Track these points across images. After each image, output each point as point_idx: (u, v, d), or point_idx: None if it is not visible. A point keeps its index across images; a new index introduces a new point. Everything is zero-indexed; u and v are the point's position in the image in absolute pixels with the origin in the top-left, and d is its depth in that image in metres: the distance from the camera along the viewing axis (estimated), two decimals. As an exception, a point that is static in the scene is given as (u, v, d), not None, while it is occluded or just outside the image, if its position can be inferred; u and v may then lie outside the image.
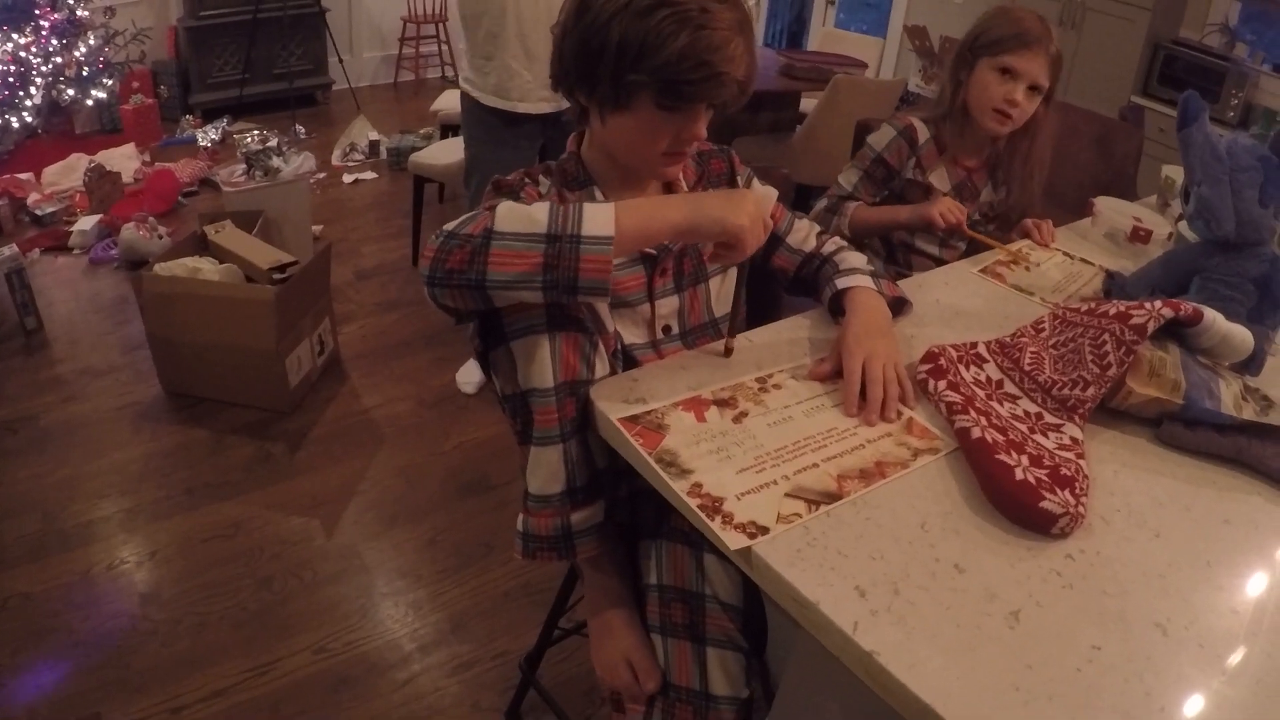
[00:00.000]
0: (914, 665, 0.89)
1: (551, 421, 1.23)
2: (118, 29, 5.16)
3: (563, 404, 1.23)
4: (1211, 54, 4.80)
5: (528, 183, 1.40)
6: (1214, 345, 1.36)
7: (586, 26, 1.28)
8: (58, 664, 2.08)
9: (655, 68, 1.24)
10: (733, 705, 1.28)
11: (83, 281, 3.83)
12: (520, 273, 1.13)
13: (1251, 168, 1.53)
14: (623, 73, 1.27)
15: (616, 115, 1.33)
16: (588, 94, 1.35)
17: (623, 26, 1.24)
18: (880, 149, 2.14)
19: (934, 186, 2.13)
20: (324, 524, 2.55)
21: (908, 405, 1.31)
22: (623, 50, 1.25)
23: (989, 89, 2.00)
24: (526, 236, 1.13)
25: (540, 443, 1.25)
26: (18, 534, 2.45)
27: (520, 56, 2.63)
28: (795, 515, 1.08)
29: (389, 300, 3.78)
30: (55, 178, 4.54)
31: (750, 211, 1.23)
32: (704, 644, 1.29)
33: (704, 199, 1.26)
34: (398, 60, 6.65)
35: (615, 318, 1.43)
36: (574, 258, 1.12)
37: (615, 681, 1.36)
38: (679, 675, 1.30)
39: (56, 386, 3.09)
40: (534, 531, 1.30)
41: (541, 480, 1.26)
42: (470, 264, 1.14)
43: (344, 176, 5.02)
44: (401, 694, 2.07)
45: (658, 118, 1.30)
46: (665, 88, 1.26)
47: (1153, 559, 1.09)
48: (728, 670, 1.28)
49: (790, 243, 1.61)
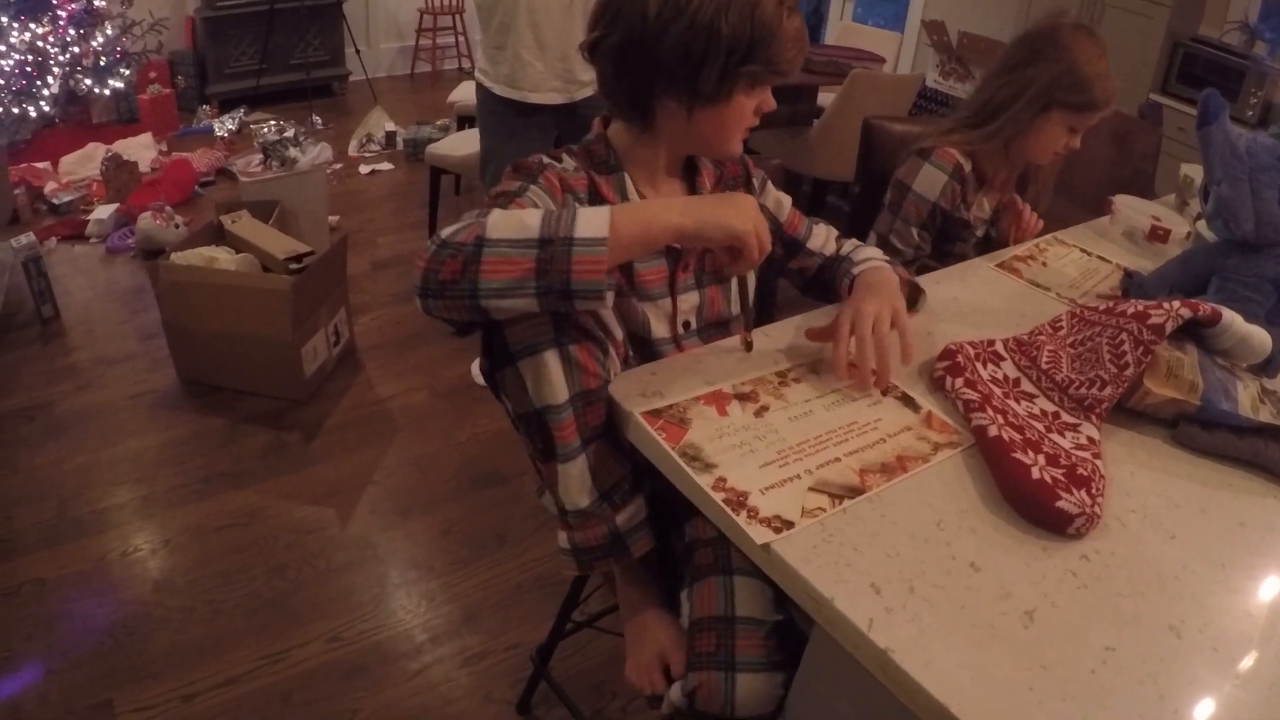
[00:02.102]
0: (928, 663, 0.89)
1: (571, 435, 1.22)
2: (135, 19, 5.16)
3: (580, 415, 1.22)
4: (1231, 52, 4.77)
5: (548, 164, 1.37)
6: (1232, 346, 1.36)
7: (684, 30, 1.28)
8: (70, 650, 2.09)
9: (768, 57, 1.31)
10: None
11: (99, 270, 3.84)
12: (513, 279, 1.10)
13: (1272, 167, 1.53)
14: (733, 66, 1.30)
15: (709, 108, 1.35)
16: (684, 94, 1.33)
17: (734, 21, 1.28)
18: (935, 198, 1.96)
19: (976, 219, 2.04)
20: (338, 513, 2.56)
21: (908, 360, 1.34)
22: (734, 44, 1.29)
23: (1055, 141, 1.91)
24: (519, 242, 1.09)
25: (565, 459, 1.23)
26: (33, 520, 2.47)
27: (532, 47, 2.63)
28: (819, 509, 1.08)
29: (405, 291, 3.79)
30: (72, 167, 4.56)
31: (753, 216, 1.22)
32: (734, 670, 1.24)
33: (704, 203, 1.23)
34: (414, 51, 6.66)
35: (644, 307, 1.44)
36: (566, 260, 1.09)
37: (649, 685, 1.35)
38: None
39: (73, 374, 3.11)
40: (583, 545, 1.29)
41: (575, 494, 1.25)
42: (463, 274, 1.10)
43: (360, 167, 5.03)
44: (413, 684, 2.08)
45: (748, 101, 1.36)
46: (770, 74, 1.33)
47: (1168, 561, 1.08)
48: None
49: (810, 247, 1.62)
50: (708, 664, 1.23)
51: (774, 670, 1.22)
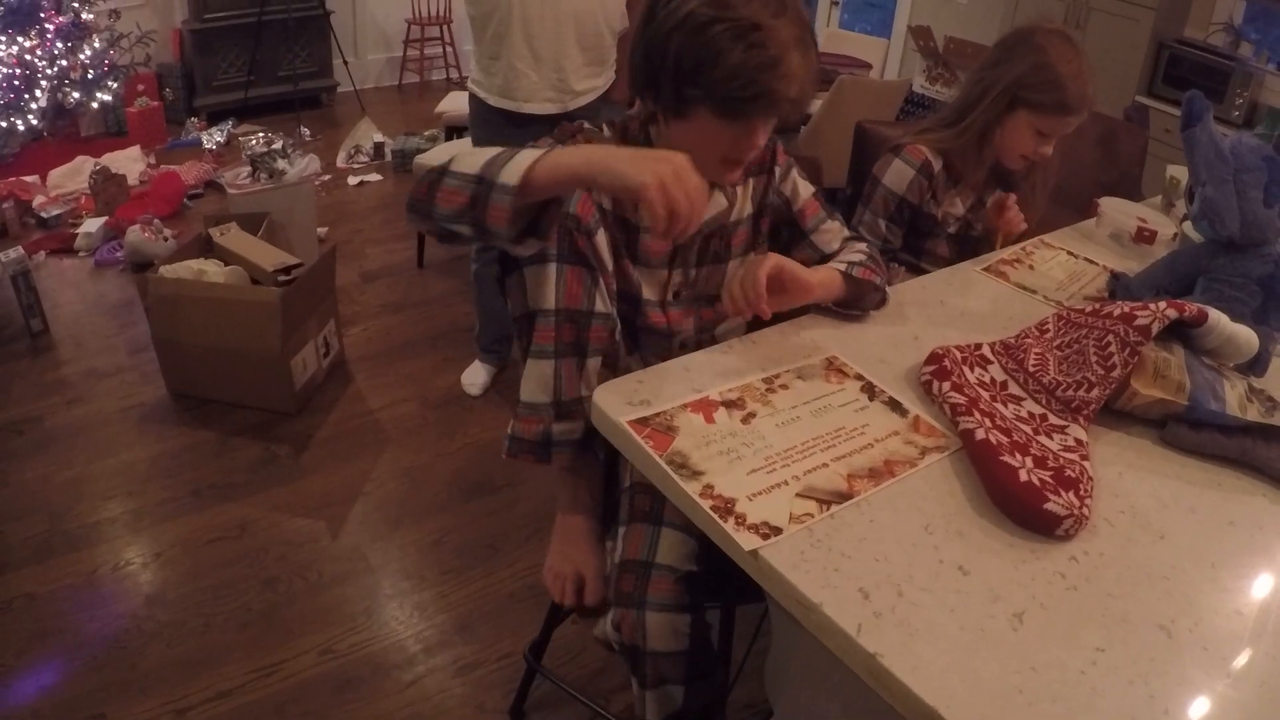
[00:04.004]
0: (917, 667, 0.89)
1: (548, 338, 1.35)
2: (122, 32, 5.15)
3: (560, 327, 1.35)
4: (1216, 53, 4.79)
5: (586, 130, 1.47)
6: (1219, 346, 1.36)
7: (649, 38, 1.34)
8: (62, 664, 2.08)
9: (710, 84, 1.29)
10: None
11: (88, 284, 3.83)
12: (455, 209, 1.21)
13: (1256, 168, 1.53)
14: (681, 86, 1.32)
15: (678, 122, 1.39)
16: (653, 100, 1.41)
17: (680, 41, 1.29)
18: (902, 192, 2.00)
19: (947, 215, 2.06)
20: (329, 525, 2.55)
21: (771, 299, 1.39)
22: (679, 64, 1.30)
23: (1023, 142, 1.92)
24: (467, 178, 1.20)
25: (536, 356, 1.37)
26: (24, 535, 2.46)
27: (526, 57, 2.63)
28: (807, 515, 1.08)
29: (394, 302, 3.79)
30: (61, 180, 4.55)
31: (660, 171, 1.14)
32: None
33: (618, 153, 1.20)
34: (402, 62, 6.65)
35: (639, 271, 1.51)
36: (485, 202, 1.18)
37: (557, 590, 1.53)
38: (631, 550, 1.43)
39: (62, 388, 3.10)
40: (519, 434, 1.42)
41: (531, 390, 1.39)
42: (427, 195, 1.24)
43: (349, 178, 5.02)
44: (406, 695, 2.07)
45: (715, 128, 1.35)
46: (719, 103, 1.31)
47: (1157, 561, 1.09)
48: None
49: (815, 240, 1.64)
50: (627, 602, 1.38)
51: (680, 612, 1.37)
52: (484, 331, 3.16)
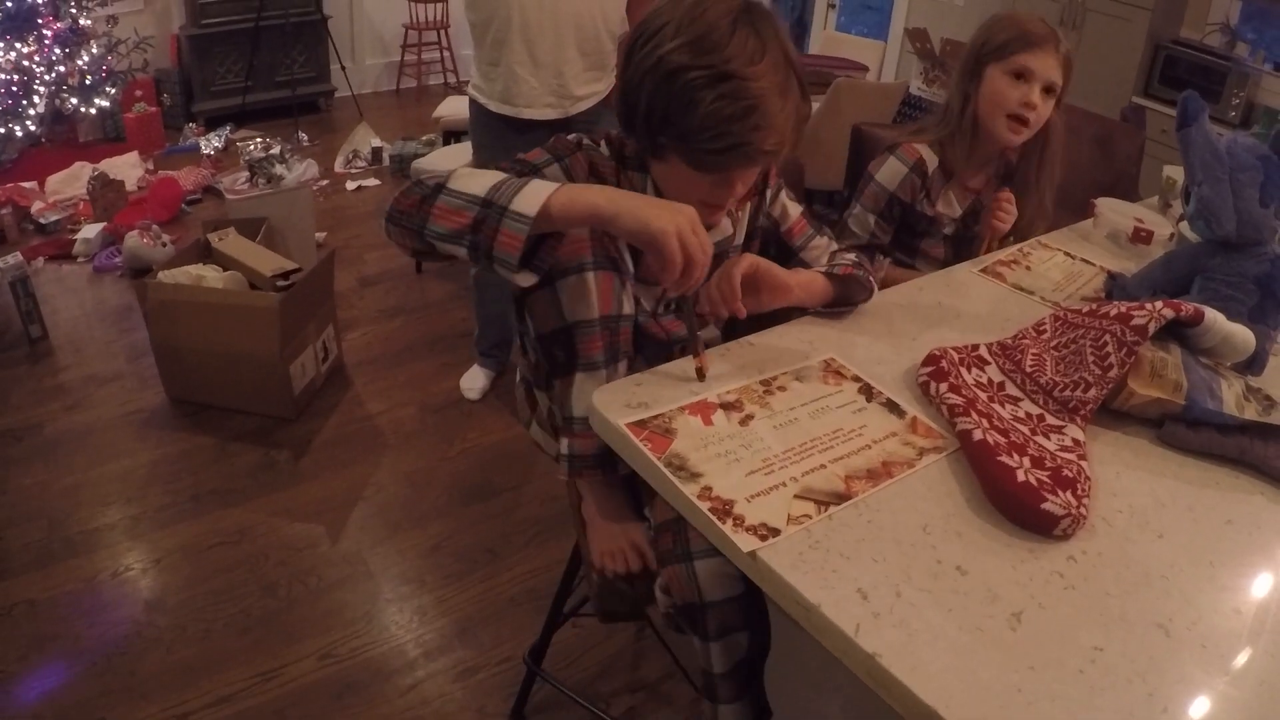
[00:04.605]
0: (916, 667, 0.90)
1: (597, 349, 1.33)
2: (120, 38, 5.16)
3: (603, 335, 1.34)
4: (1212, 54, 4.80)
5: (585, 147, 1.44)
6: (1216, 345, 1.36)
7: (626, 81, 1.33)
8: (63, 671, 2.09)
9: (680, 134, 1.27)
10: None
11: (87, 290, 3.83)
12: (453, 229, 1.20)
13: (1252, 167, 1.54)
14: (654, 134, 1.31)
15: (656, 163, 1.38)
16: (634, 140, 1.40)
17: (652, 87, 1.27)
18: (893, 188, 2.02)
19: (941, 215, 2.06)
20: (329, 530, 2.55)
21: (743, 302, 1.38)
22: (650, 112, 1.28)
23: (1003, 94, 1.91)
24: (469, 197, 1.19)
25: (586, 369, 1.34)
26: (23, 541, 2.46)
27: (526, 63, 2.64)
28: (805, 516, 1.08)
29: (393, 307, 3.79)
30: (59, 186, 4.55)
31: (678, 222, 1.17)
32: None
33: (635, 197, 1.23)
34: (400, 67, 6.66)
35: (636, 286, 1.48)
36: (495, 229, 1.17)
37: (620, 561, 1.48)
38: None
39: (61, 394, 3.10)
40: (579, 452, 1.38)
41: (586, 404, 1.31)
42: (418, 210, 1.22)
43: (347, 183, 5.02)
44: (406, 700, 2.07)
45: (690, 175, 1.33)
46: (691, 155, 1.29)
47: (1155, 560, 1.09)
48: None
49: (804, 257, 1.63)
50: (670, 559, 1.32)
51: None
52: (483, 336, 3.17)
